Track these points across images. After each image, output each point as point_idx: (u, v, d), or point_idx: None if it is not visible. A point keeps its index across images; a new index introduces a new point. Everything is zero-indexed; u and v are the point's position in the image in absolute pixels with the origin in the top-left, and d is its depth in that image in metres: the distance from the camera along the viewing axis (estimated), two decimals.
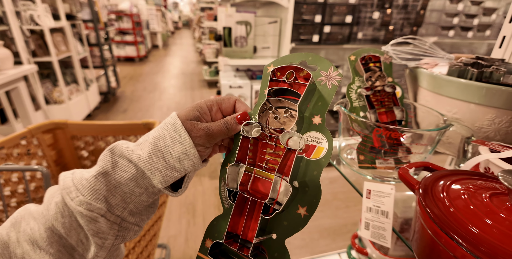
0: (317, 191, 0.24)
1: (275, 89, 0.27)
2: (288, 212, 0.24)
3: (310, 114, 0.25)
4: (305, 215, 0.24)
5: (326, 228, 1.25)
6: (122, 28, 4.54)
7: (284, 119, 0.26)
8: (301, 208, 0.24)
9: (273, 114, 0.26)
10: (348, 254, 0.60)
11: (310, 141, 0.25)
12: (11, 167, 0.50)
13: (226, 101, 0.28)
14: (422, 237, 0.26)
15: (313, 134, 0.25)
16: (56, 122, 0.94)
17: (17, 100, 1.50)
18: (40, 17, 1.69)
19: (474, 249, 0.21)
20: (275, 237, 0.25)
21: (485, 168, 0.33)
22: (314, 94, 0.25)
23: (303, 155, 0.25)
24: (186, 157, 0.24)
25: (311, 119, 0.25)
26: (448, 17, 1.56)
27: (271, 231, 0.25)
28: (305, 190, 0.24)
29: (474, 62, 0.43)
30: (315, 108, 0.25)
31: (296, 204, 0.24)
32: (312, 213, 0.24)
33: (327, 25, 1.39)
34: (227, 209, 0.26)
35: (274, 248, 0.25)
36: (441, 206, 0.25)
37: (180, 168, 0.25)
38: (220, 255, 0.26)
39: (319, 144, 0.24)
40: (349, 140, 0.44)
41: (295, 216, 0.24)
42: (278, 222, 0.25)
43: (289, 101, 0.26)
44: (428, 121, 0.44)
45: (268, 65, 0.28)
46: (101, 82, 2.64)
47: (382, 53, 0.44)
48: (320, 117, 0.25)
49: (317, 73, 0.26)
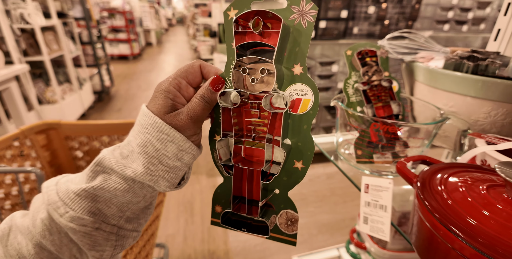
0: (310, 144, 0.23)
1: (243, 45, 0.23)
2: (285, 169, 0.24)
3: (289, 64, 0.23)
4: (302, 167, 0.24)
5: (324, 224, 1.26)
6: (115, 26, 4.48)
7: (262, 79, 0.23)
8: (297, 162, 0.24)
9: (249, 76, 0.23)
10: (347, 248, 0.60)
11: (294, 95, 0.23)
12: (4, 169, 0.49)
13: (190, 71, 0.24)
14: (421, 230, 0.26)
15: (297, 86, 0.23)
16: (49, 123, 0.93)
17: (9, 100, 1.47)
18: (30, 16, 1.65)
19: (473, 240, 0.21)
20: (278, 192, 0.25)
21: (481, 161, 0.33)
22: (288, 39, 0.22)
23: (290, 111, 0.23)
24: (184, 152, 0.23)
25: (291, 70, 0.23)
26: (443, 11, 1.56)
27: (273, 188, 0.25)
28: (298, 145, 0.24)
29: (469, 55, 0.43)
30: (293, 56, 0.22)
31: (292, 159, 0.24)
32: (309, 164, 0.24)
33: (322, 20, 1.39)
34: (228, 177, 0.26)
35: (279, 201, 0.25)
36: (439, 199, 0.25)
37: (181, 164, 0.23)
38: (231, 223, 0.26)
39: (304, 96, 0.23)
40: (347, 135, 0.44)
41: (293, 171, 0.24)
42: (278, 179, 0.25)
43: (263, 58, 0.22)
44: (425, 115, 0.44)
45: (227, 9, 0.24)
46: (94, 81, 2.61)
47: (378, 47, 0.43)
48: (300, 66, 0.22)
49: (287, 10, 0.22)
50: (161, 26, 6.65)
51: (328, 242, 1.16)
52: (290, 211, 0.26)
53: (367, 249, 0.56)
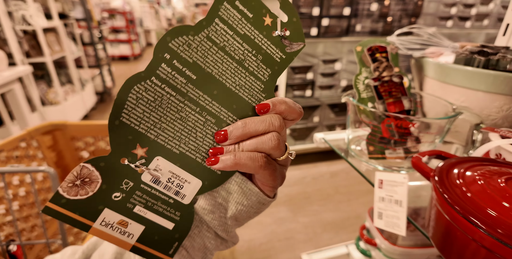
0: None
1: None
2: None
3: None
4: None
5: (329, 222, 1.26)
6: (115, 27, 4.48)
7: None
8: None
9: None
10: (357, 245, 0.60)
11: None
12: (18, 169, 0.49)
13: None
14: (439, 223, 0.26)
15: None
16: (55, 124, 0.93)
17: (13, 102, 1.48)
18: (32, 17, 1.65)
19: (493, 231, 0.21)
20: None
21: (496, 155, 0.33)
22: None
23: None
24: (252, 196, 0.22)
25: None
26: (446, 7, 1.56)
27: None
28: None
29: (479, 50, 0.43)
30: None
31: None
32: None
33: (325, 18, 1.38)
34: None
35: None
36: (458, 192, 0.25)
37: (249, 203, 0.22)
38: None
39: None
40: (357, 131, 0.44)
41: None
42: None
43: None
44: (436, 111, 0.44)
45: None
46: (96, 82, 2.61)
47: (388, 43, 0.43)
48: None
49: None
50: (161, 26, 6.65)
51: (333, 240, 1.16)
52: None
53: (377, 246, 0.56)
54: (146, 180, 0.19)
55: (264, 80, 0.20)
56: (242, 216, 0.22)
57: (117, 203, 0.18)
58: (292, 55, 0.20)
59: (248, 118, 0.19)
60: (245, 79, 0.19)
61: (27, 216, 0.85)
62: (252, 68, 0.20)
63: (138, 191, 0.18)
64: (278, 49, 0.20)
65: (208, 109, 0.19)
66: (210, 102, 0.19)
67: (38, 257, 0.81)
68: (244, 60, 0.19)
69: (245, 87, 0.20)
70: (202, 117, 0.19)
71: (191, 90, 0.18)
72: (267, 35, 0.19)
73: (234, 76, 0.19)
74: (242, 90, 0.19)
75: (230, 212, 0.21)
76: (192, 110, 0.19)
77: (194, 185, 0.20)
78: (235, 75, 0.19)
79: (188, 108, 0.18)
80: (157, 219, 0.19)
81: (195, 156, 0.19)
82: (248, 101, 0.20)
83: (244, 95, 0.20)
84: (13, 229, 0.78)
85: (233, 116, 0.20)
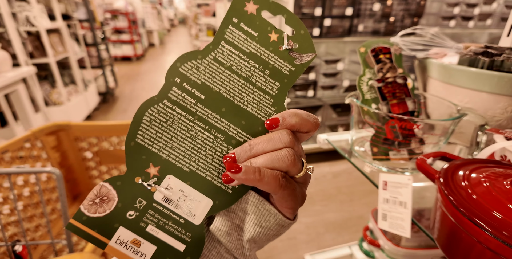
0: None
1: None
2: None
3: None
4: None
5: (331, 222, 1.26)
6: (118, 27, 4.50)
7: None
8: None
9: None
10: (360, 246, 0.60)
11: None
12: (24, 170, 0.49)
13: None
14: (444, 225, 0.26)
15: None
16: (59, 124, 0.94)
17: (17, 103, 1.49)
18: (36, 18, 1.66)
19: (499, 233, 0.21)
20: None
21: (501, 156, 0.33)
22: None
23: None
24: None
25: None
26: (449, 7, 1.55)
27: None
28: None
29: (484, 51, 0.43)
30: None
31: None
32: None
33: (327, 18, 1.38)
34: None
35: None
36: (464, 194, 0.25)
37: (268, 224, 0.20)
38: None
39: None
40: (361, 132, 0.44)
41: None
42: None
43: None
44: (439, 112, 0.44)
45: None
46: (99, 82, 2.62)
47: (392, 44, 0.43)
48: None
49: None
50: (164, 26, 6.67)
51: (335, 241, 1.16)
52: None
53: (380, 247, 0.56)
54: (158, 198, 0.19)
55: (273, 94, 0.20)
56: (261, 238, 0.21)
57: (131, 221, 0.19)
58: (302, 66, 0.20)
59: (255, 139, 0.19)
60: (253, 94, 0.20)
61: (31, 216, 0.85)
62: (259, 84, 0.20)
63: (150, 209, 0.19)
64: (286, 62, 0.20)
65: (217, 126, 0.19)
66: (218, 119, 0.19)
67: (42, 257, 0.82)
68: (251, 77, 0.20)
69: (253, 102, 0.20)
70: (211, 135, 0.19)
71: (200, 109, 0.19)
72: (274, 50, 0.20)
73: (242, 93, 0.20)
74: (250, 106, 0.20)
75: (248, 235, 0.20)
76: (202, 128, 0.19)
77: (205, 204, 0.20)
78: (242, 91, 0.20)
79: (197, 127, 0.19)
80: (168, 239, 0.19)
81: (205, 174, 0.20)
82: (257, 116, 0.20)
83: (252, 110, 0.20)
84: (17, 229, 0.79)
85: (242, 132, 0.20)
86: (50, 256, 0.83)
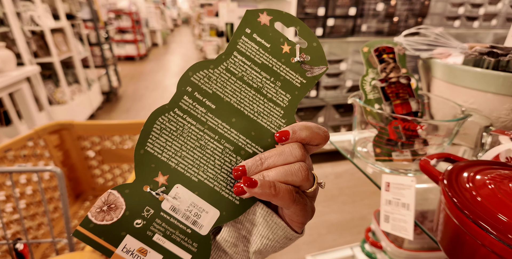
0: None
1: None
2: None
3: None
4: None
5: (333, 223, 1.25)
6: (121, 27, 4.52)
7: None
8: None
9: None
10: (362, 248, 0.60)
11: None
12: (25, 169, 0.50)
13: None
14: (448, 228, 0.26)
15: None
16: (62, 123, 0.94)
17: (21, 101, 1.50)
18: (40, 18, 1.68)
19: (504, 236, 0.20)
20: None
21: (506, 158, 0.32)
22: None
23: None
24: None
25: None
26: (453, 7, 1.54)
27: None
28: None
29: (489, 51, 0.42)
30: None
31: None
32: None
33: (330, 18, 1.38)
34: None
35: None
36: (468, 196, 0.24)
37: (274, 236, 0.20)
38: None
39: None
40: (363, 132, 0.43)
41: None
42: None
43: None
44: (443, 112, 0.43)
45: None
46: (102, 82, 2.63)
47: (395, 44, 0.43)
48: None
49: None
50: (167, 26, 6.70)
51: (337, 242, 1.15)
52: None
53: (383, 248, 0.55)
54: (166, 208, 0.19)
55: (283, 106, 0.20)
56: (267, 250, 0.20)
57: (138, 230, 0.19)
58: (314, 79, 0.20)
59: (266, 152, 0.19)
60: (263, 106, 0.20)
61: (34, 214, 0.86)
62: (270, 95, 0.20)
63: (158, 218, 0.19)
64: (298, 74, 0.20)
65: (226, 136, 0.19)
66: (228, 129, 0.19)
67: (44, 255, 0.82)
68: (262, 88, 0.20)
69: (264, 113, 0.20)
70: (220, 145, 0.19)
71: (210, 119, 0.19)
72: (286, 62, 0.20)
73: (252, 104, 0.20)
74: (260, 117, 0.20)
75: (254, 246, 0.20)
76: (211, 138, 0.19)
77: (212, 215, 0.20)
78: (253, 102, 0.20)
79: (207, 136, 0.19)
80: (174, 249, 0.19)
81: (213, 184, 0.19)
82: (267, 128, 0.20)
83: (262, 122, 0.20)
84: (19, 227, 0.79)
85: (251, 143, 0.20)
86: (52, 254, 0.83)
